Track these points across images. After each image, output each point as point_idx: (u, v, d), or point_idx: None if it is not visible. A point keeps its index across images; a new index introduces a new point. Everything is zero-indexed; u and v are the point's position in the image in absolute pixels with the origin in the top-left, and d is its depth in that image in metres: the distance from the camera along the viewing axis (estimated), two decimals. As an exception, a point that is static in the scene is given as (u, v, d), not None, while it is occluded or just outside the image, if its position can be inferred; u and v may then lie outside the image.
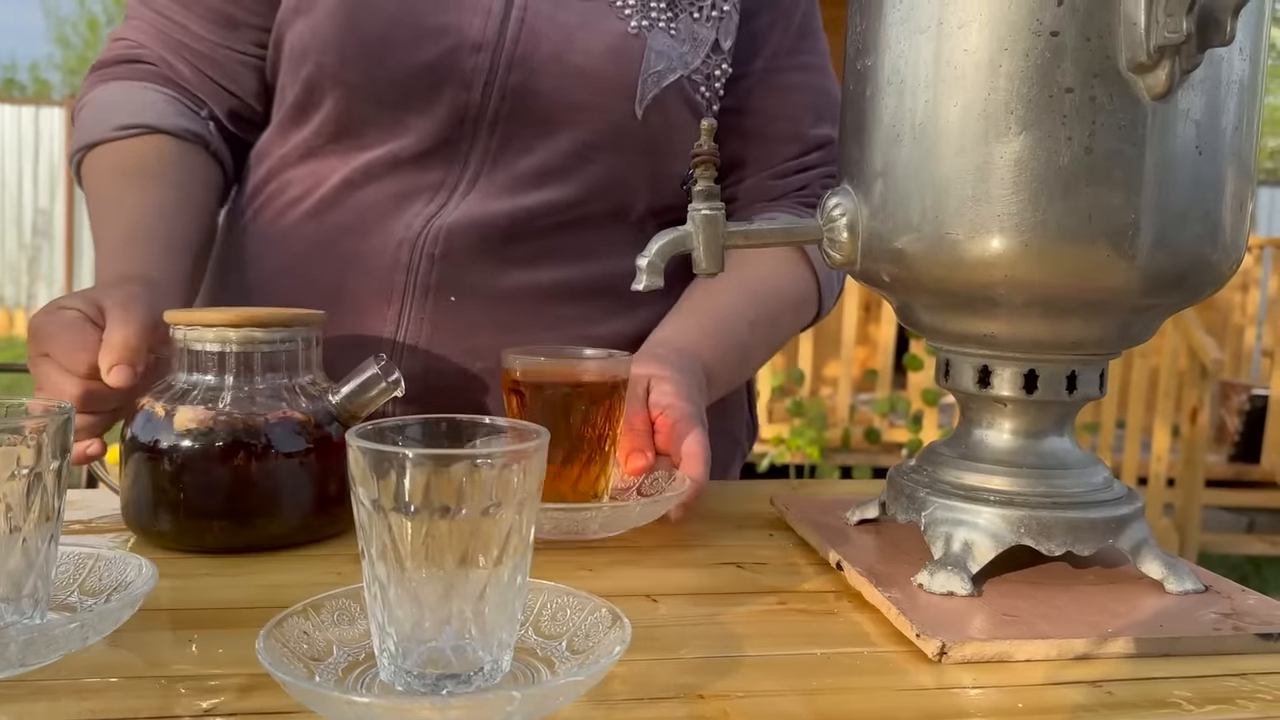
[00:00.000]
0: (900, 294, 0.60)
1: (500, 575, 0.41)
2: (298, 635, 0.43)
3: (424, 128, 0.80)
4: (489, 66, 0.79)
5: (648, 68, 0.82)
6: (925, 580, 0.55)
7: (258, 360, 0.63)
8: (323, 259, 0.82)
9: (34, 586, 0.46)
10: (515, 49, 0.79)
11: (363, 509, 0.41)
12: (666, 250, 0.59)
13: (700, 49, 0.86)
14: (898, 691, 0.45)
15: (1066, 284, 0.53)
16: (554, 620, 0.46)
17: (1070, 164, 0.51)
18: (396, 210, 0.81)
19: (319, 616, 0.44)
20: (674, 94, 0.84)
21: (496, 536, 0.41)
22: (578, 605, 0.46)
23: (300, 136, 0.85)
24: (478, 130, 0.81)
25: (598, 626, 0.44)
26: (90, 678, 0.43)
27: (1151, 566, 0.57)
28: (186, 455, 0.60)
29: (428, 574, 0.40)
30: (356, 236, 0.81)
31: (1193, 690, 0.45)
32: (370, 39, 0.79)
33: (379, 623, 0.42)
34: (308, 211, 0.83)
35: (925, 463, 0.62)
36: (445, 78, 0.79)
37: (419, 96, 0.80)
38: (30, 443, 0.45)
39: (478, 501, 0.40)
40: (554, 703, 0.40)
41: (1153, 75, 0.49)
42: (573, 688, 0.40)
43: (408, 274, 0.80)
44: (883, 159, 0.56)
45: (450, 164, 0.81)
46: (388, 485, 0.40)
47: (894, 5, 0.55)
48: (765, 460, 3.83)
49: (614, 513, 0.62)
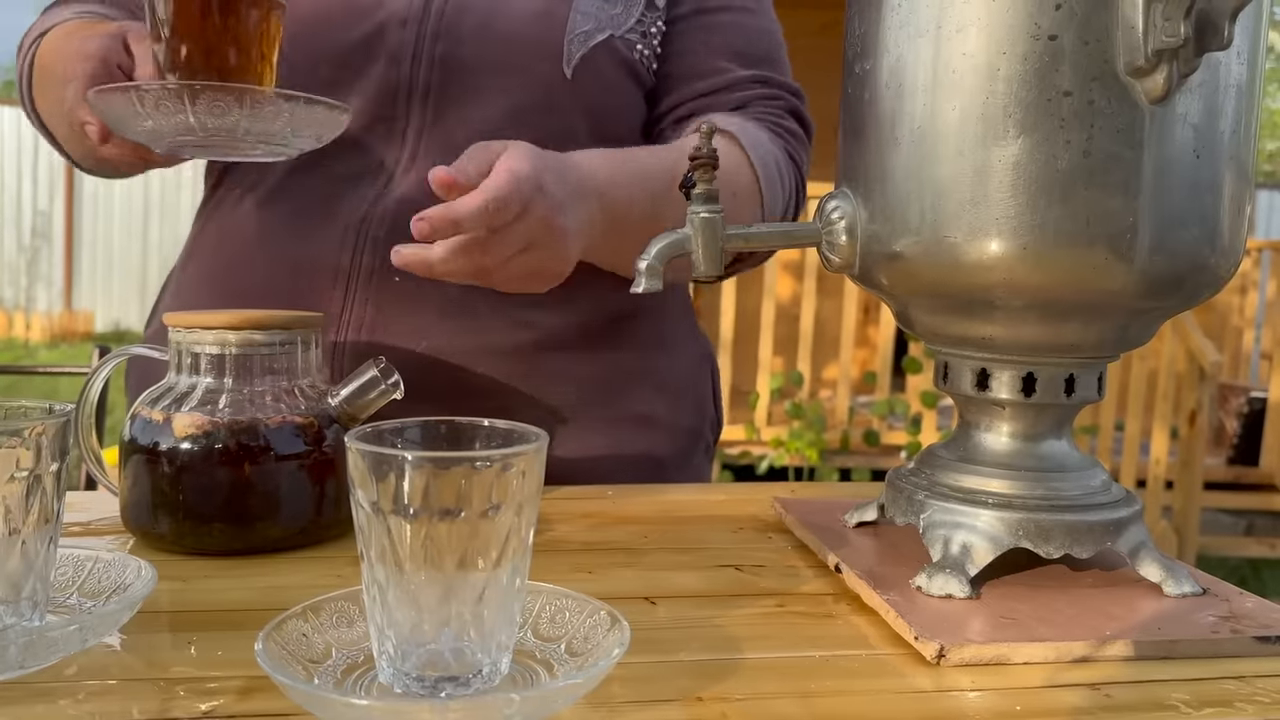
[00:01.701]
0: (899, 297, 0.60)
1: (499, 578, 0.41)
2: (297, 638, 0.43)
3: (360, 106, 0.82)
4: (414, 39, 0.81)
5: (573, 28, 0.83)
6: (924, 583, 0.55)
7: (257, 363, 0.63)
8: (274, 246, 0.83)
9: (33, 589, 0.46)
10: (440, 21, 0.81)
11: (362, 511, 0.41)
12: (665, 253, 0.59)
13: (634, 8, 0.87)
14: (896, 694, 0.45)
15: (1065, 287, 0.53)
16: (553, 623, 0.46)
17: (1068, 167, 0.51)
18: (341, 193, 0.82)
19: (318, 619, 0.44)
20: (605, 53, 0.85)
21: (495, 539, 0.41)
22: (577, 607, 0.46)
23: None
24: (411, 105, 0.82)
25: (597, 629, 0.44)
26: (89, 680, 0.43)
27: (1150, 569, 0.57)
28: (186, 458, 0.60)
29: (427, 576, 0.40)
30: (305, 221, 0.83)
31: (1191, 693, 0.45)
32: (307, 18, 0.81)
33: (378, 625, 0.42)
34: (260, 200, 0.85)
35: (924, 465, 0.62)
36: (374, 54, 0.81)
37: (353, 74, 0.82)
38: (29, 445, 0.45)
39: (476, 504, 0.40)
40: (553, 705, 0.40)
41: (1151, 79, 0.50)
42: (571, 690, 0.40)
43: (353, 256, 0.81)
44: (881, 162, 0.56)
45: (389, 142, 0.83)
46: (387, 488, 0.40)
47: (893, 9, 0.55)
48: (764, 462, 3.83)
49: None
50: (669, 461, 0.91)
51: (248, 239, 0.85)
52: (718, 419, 1.01)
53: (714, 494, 0.81)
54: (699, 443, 0.96)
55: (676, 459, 0.92)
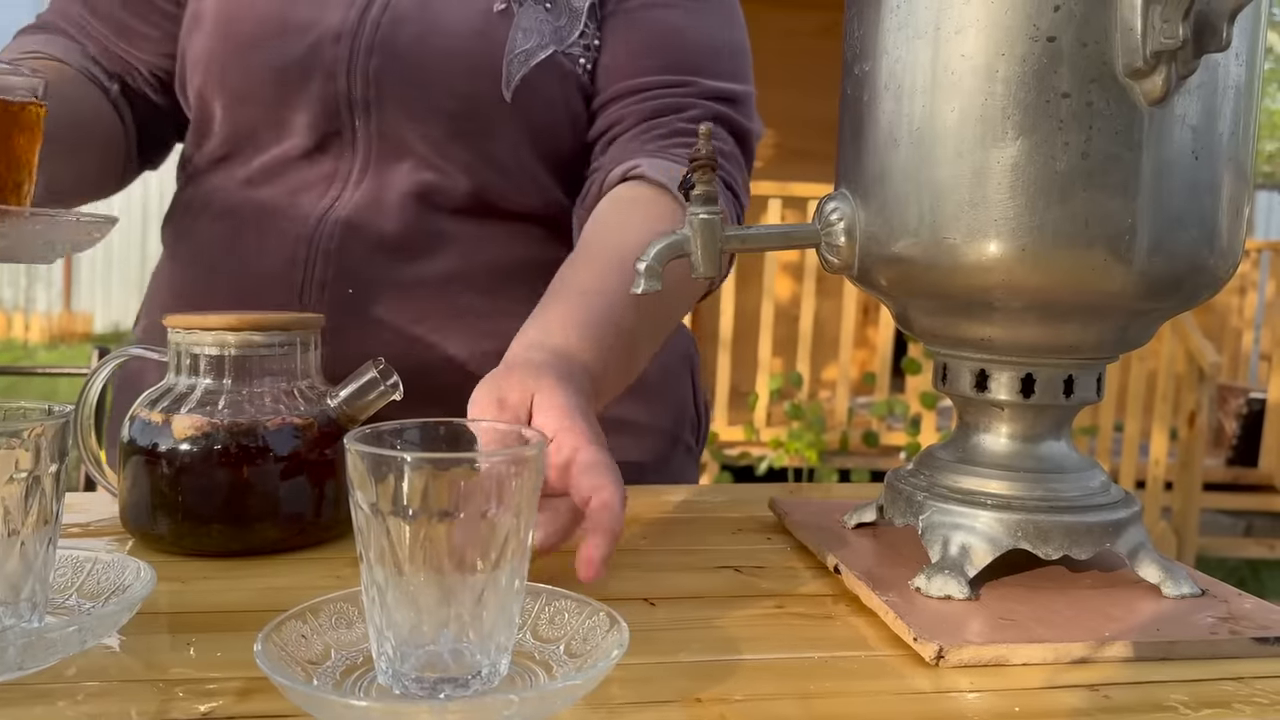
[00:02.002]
0: (898, 298, 0.60)
1: (498, 579, 0.41)
2: (296, 639, 0.43)
3: (306, 122, 0.82)
4: (348, 54, 0.80)
5: (513, 48, 0.81)
6: (923, 584, 0.55)
7: (256, 364, 0.63)
8: (230, 261, 0.83)
9: (32, 590, 0.46)
10: (375, 34, 0.80)
11: (361, 513, 0.41)
12: (664, 254, 0.59)
13: (577, 20, 0.85)
14: (895, 695, 0.45)
15: (1063, 288, 0.53)
16: (552, 624, 0.46)
17: (1067, 169, 0.51)
18: (293, 206, 0.82)
19: (317, 620, 0.44)
20: (548, 70, 0.82)
21: (494, 540, 0.41)
22: (576, 609, 0.46)
23: (207, 148, 0.87)
24: (354, 119, 0.81)
25: (596, 630, 0.44)
26: (88, 681, 0.43)
27: (1148, 570, 0.57)
28: (185, 459, 0.60)
29: (426, 578, 0.41)
30: (259, 236, 0.82)
31: (1189, 694, 0.45)
32: (243, 43, 0.81)
33: (377, 626, 0.42)
34: (216, 214, 0.85)
35: (923, 466, 0.62)
36: (311, 71, 0.81)
37: (293, 92, 0.81)
38: (29, 446, 0.45)
39: (475, 505, 0.40)
40: (552, 706, 0.40)
41: (1149, 80, 0.50)
42: (570, 691, 0.40)
43: (305, 270, 0.80)
44: (880, 163, 0.56)
45: (339, 156, 0.82)
46: (386, 489, 0.40)
47: (891, 11, 0.55)
48: (763, 463, 3.83)
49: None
50: (648, 466, 0.90)
51: (210, 251, 0.85)
52: (699, 419, 1.00)
53: (713, 495, 0.81)
54: (678, 445, 0.95)
55: (656, 463, 0.91)
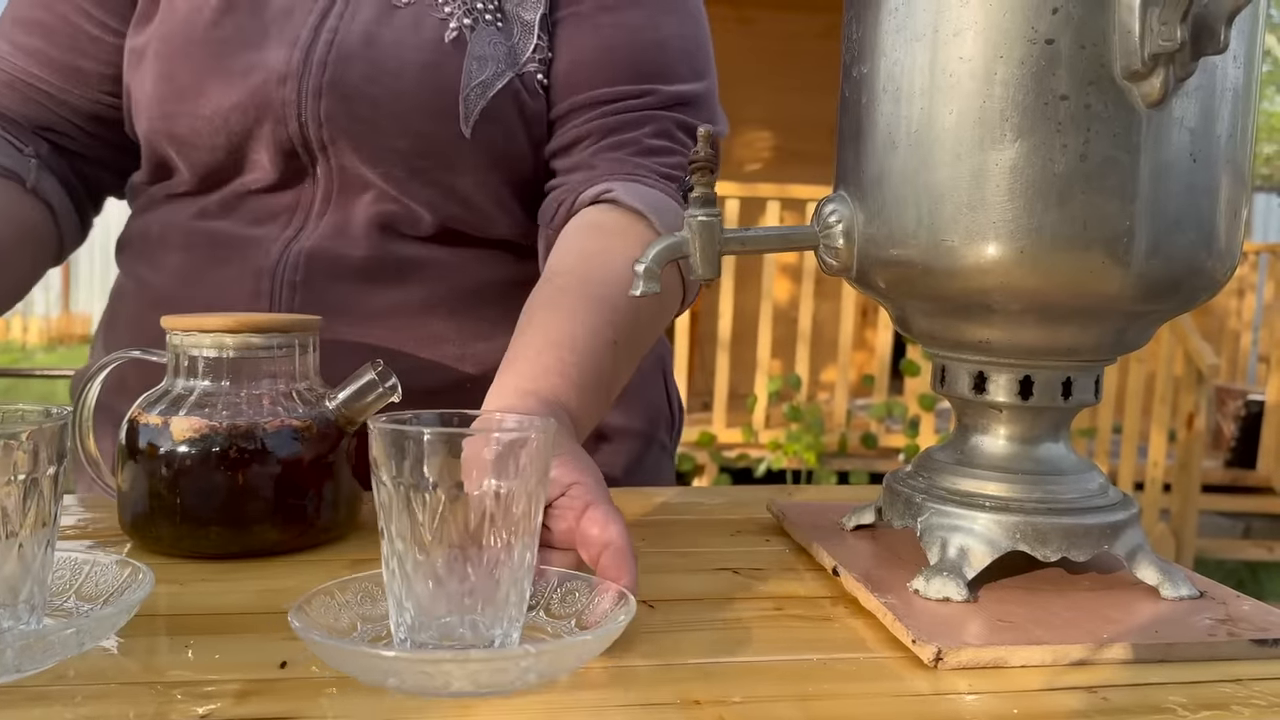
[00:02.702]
0: (896, 300, 0.60)
1: (511, 554, 0.45)
2: (324, 612, 0.45)
3: (262, 163, 0.80)
4: (296, 98, 0.77)
5: (469, 81, 0.78)
6: (921, 586, 0.55)
7: (254, 366, 0.63)
8: (189, 291, 0.81)
9: (30, 592, 0.46)
10: (323, 75, 0.76)
11: (383, 489, 0.44)
12: (663, 256, 0.59)
13: (530, 33, 0.81)
14: (893, 697, 0.45)
15: (1062, 290, 0.53)
16: (563, 602, 0.49)
17: (1065, 171, 0.51)
18: (254, 238, 0.80)
19: (344, 596, 0.47)
20: (507, 99, 0.79)
21: (508, 517, 0.44)
22: (586, 588, 0.49)
23: (160, 183, 0.85)
24: (313, 157, 0.79)
25: (605, 605, 0.47)
26: (86, 684, 0.43)
27: (1147, 572, 0.57)
28: (183, 461, 0.60)
29: (443, 551, 0.44)
30: (218, 266, 0.80)
31: (1188, 696, 0.45)
32: (186, 89, 0.78)
33: (396, 598, 0.45)
34: (175, 245, 0.83)
35: (921, 468, 0.62)
36: (261, 115, 0.77)
37: (243, 136, 0.78)
38: (27, 448, 0.45)
39: (489, 481, 0.43)
40: (564, 662, 0.43)
41: (1147, 83, 0.50)
42: (583, 648, 0.43)
43: (270, 303, 0.78)
44: (878, 166, 0.56)
45: (300, 188, 0.80)
46: (406, 465, 0.43)
47: (889, 13, 0.55)
48: (762, 465, 3.83)
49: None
50: (621, 469, 0.90)
51: (170, 283, 0.82)
52: (674, 416, 0.99)
53: (711, 497, 0.81)
54: (653, 445, 0.95)
55: (630, 465, 0.91)
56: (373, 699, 0.42)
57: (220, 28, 0.78)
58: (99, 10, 0.84)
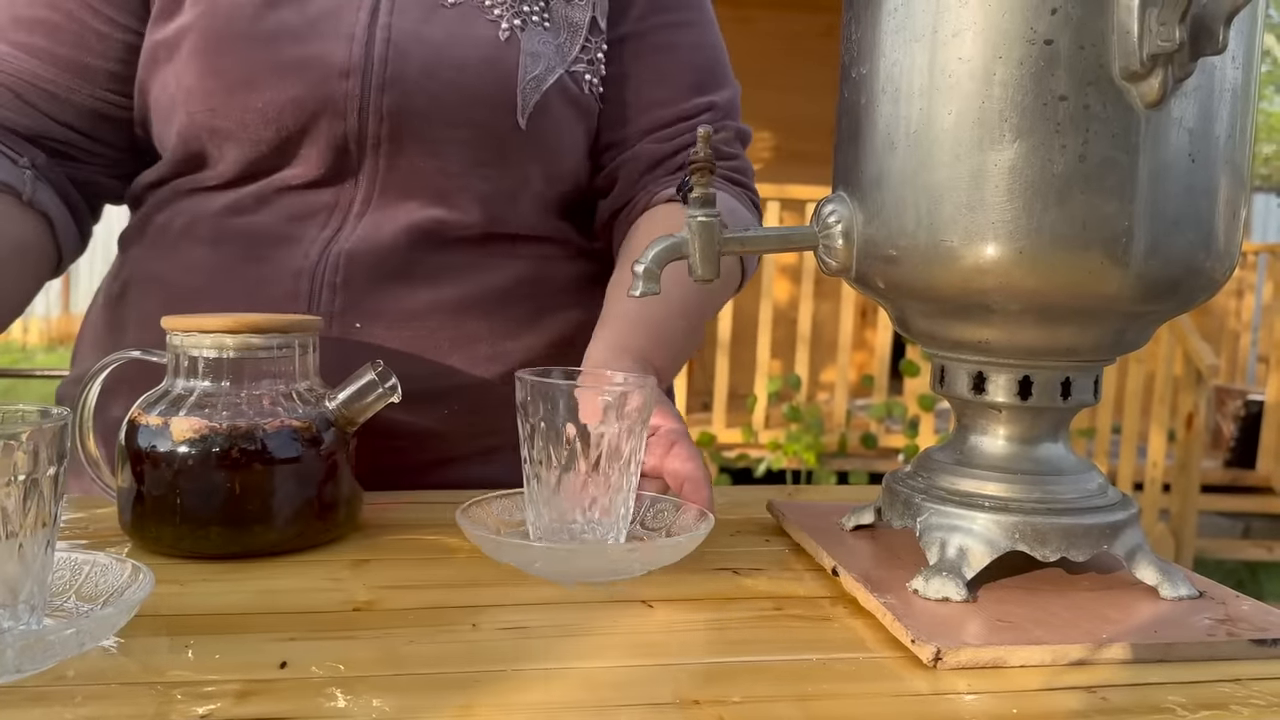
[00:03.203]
0: (895, 300, 0.60)
1: (620, 479, 0.59)
2: (480, 519, 0.61)
3: (310, 157, 0.80)
4: (360, 92, 0.78)
5: (525, 74, 0.81)
6: (920, 586, 0.55)
7: (254, 366, 0.63)
8: (220, 287, 0.80)
9: (30, 592, 0.46)
10: (385, 70, 0.78)
11: (527, 425, 0.59)
12: (662, 257, 0.59)
13: (578, 34, 0.84)
14: (893, 697, 0.45)
15: (1061, 291, 0.53)
16: (655, 518, 0.65)
17: (1064, 171, 0.51)
18: (290, 235, 0.80)
19: (491, 506, 0.63)
20: (557, 94, 0.83)
21: (619, 450, 0.59)
22: (672, 508, 0.65)
23: (185, 178, 0.84)
24: (363, 154, 0.80)
25: (688, 520, 0.62)
26: (86, 684, 0.43)
27: (1146, 572, 0.57)
28: (183, 462, 0.60)
29: (571, 473, 0.59)
30: (251, 264, 0.80)
31: (1187, 696, 0.46)
32: (234, 82, 0.78)
33: (535, 506, 0.60)
34: (201, 239, 0.82)
35: (921, 468, 0.62)
36: (319, 109, 0.78)
37: (296, 130, 0.79)
38: (27, 448, 0.45)
39: (605, 423, 0.58)
40: (661, 556, 0.57)
41: (1146, 83, 0.50)
42: (675, 548, 0.57)
43: (309, 304, 0.78)
44: (878, 166, 0.56)
45: (341, 186, 0.81)
46: (543, 407, 0.58)
47: (889, 14, 0.55)
48: (762, 465, 3.83)
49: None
50: None
51: (191, 281, 0.81)
52: None
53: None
54: None
55: None
56: (372, 698, 0.42)
57: (265, 21, 0.79)
58: (107, 6, 0.84)
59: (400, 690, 0.43)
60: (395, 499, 0.75)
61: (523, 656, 0.47)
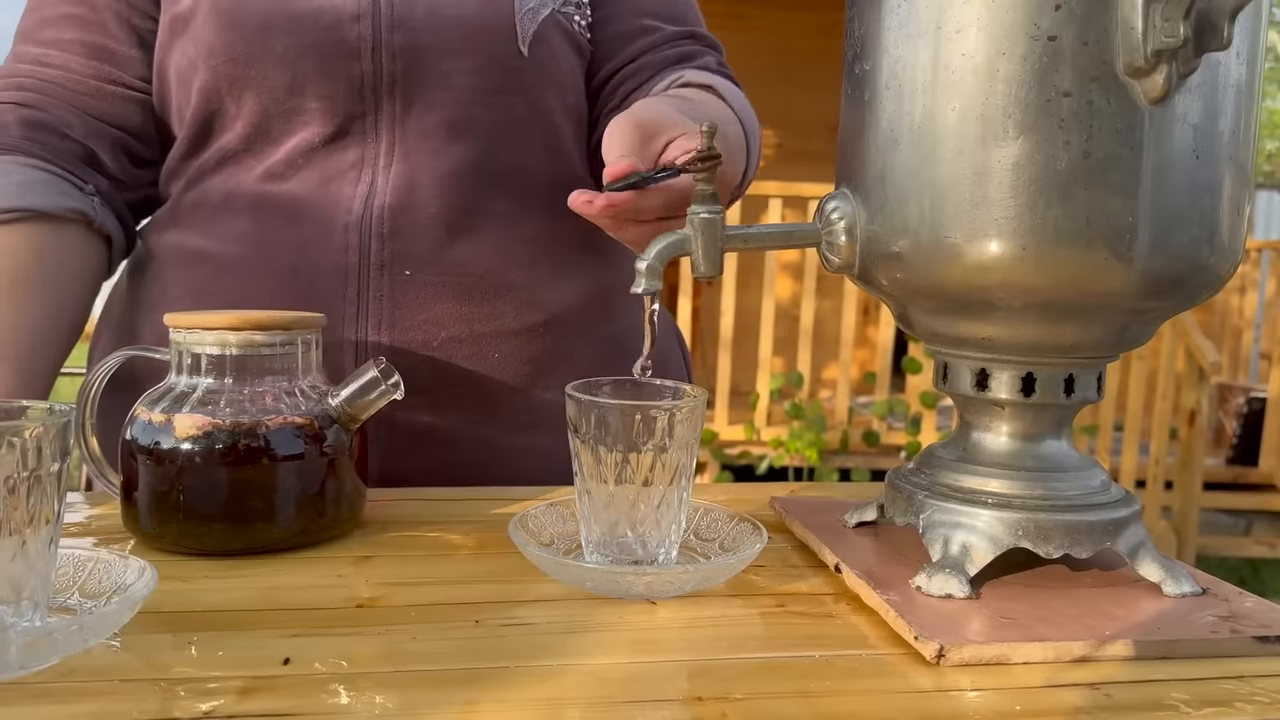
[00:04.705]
0: (898, 297, 0.60)
1: (671, 494, 0.57)
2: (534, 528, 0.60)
3: (327, 108, 0.82)
4: (371, 33, 0.82)
5: (521, 6, 0.86)
6: (923, 583, 0.55)
7: (257, 363, 0.63)
8: (265, 253, 0.82)
9: (33, 589, 0.46)
10: (393, 11, 0.82)
11: (576, 439, 0.57)
12: (665, 254, 0.59)
13: None
14: (896, 694, 0.45)
15: (1064, 287, 0.53)
16: (710, 529, 0.63)
17: (1068, 168, 0.51)
18: (326, 196, 0.82)
19: (542, 518, 0.62)
20: (551, 27, 0.88)
21: (669, 466, 0.56)
22: (727, 519, 0.63)
23: (210, 150, 0.86)
24: (379, 98, 0.83)
25: (743, 534, 0.61)
26: (90, 681, 0.43)
27: (1149, 569, 0.57)
28: (186, 459, 0.60)
29: (621, 489, 0.56)
30: (295, 225, 0.82)
31: (1190, 693, 0.46)
32: (251, 33, 0.81)
33: (587, 521, 0.58)
34: (241, 210, 0.84)
35: (923, 465, 0.62)
36: (333, 53, 0.81)
37: (313, 77, 0.82)
38: (30, 445, 0.45)
39: (656, 440, 0.56)
40: (712, 578, 0.56)
41: (1150, 80, 0.50)
42: (725, 568, 0.56)
43: (360, 255, 0.81)
44: (881, 162, 0.56)
45: (364, 138, 0.83)
46: (593, 424, 0.56)
47: (892, 10, 0.55)
48: (764, 463, 3.83)
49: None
50: None
51: (233, 251, 0.83)
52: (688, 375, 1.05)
53: (713, 494, 0.81)
54: None
55: None
56: (375, 695, 0.42)
57: None
58: None
59: (403, 687, 0.43)
60: (398, 495, 0.75)
61: (525, 653, 0.47)
